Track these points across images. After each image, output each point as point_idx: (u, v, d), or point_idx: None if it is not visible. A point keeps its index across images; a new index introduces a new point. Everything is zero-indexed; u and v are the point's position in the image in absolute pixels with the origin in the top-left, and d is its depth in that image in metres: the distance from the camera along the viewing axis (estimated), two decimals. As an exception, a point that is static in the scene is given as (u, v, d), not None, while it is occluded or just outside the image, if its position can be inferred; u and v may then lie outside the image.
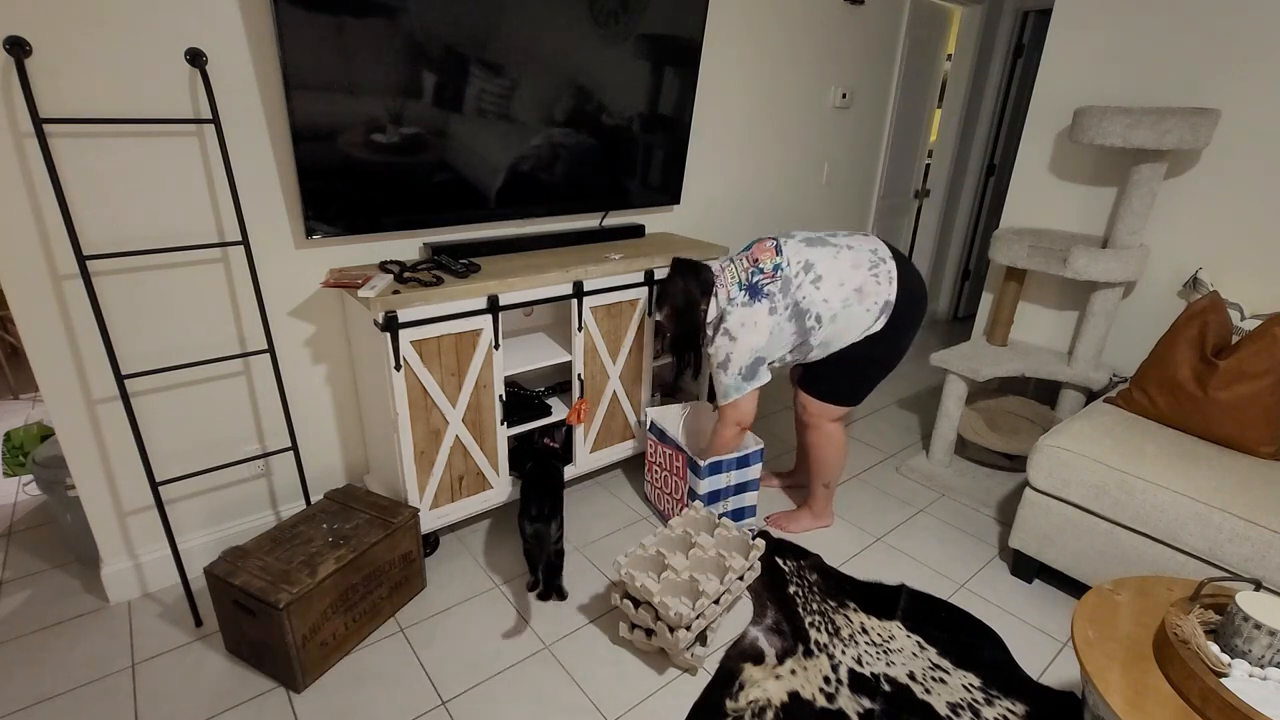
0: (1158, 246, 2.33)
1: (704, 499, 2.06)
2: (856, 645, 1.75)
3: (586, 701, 1.58)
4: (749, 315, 1.84)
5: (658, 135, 2.39)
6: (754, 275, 1.86)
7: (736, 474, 2.11)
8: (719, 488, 2.09)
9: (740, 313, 1.85)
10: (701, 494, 2.05)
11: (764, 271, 1.85)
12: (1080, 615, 1.33)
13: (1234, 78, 2.09)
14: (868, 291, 1.83)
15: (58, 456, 1.87)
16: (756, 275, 1.85)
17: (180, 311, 1.73)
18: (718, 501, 2.12)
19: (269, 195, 1.78)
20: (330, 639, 1.63)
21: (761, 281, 1.84)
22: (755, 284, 1.84)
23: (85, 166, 1.51)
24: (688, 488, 2.09)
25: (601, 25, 2.06)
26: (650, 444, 2.23)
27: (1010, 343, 2.67)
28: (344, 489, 1.90)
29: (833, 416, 2.03)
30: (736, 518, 2.19)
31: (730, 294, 1.87)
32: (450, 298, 1.78)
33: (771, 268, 1.85)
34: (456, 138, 1.92)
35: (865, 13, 3.12)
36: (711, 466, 2.03)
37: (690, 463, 2.05)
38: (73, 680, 1.59)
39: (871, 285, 1.84)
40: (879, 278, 1.84)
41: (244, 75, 1.65)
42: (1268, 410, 1.79)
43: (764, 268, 1.86)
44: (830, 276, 1.83)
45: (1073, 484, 1.84)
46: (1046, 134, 2.53)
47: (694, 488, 2.07)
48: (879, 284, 1.84)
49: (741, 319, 1.84)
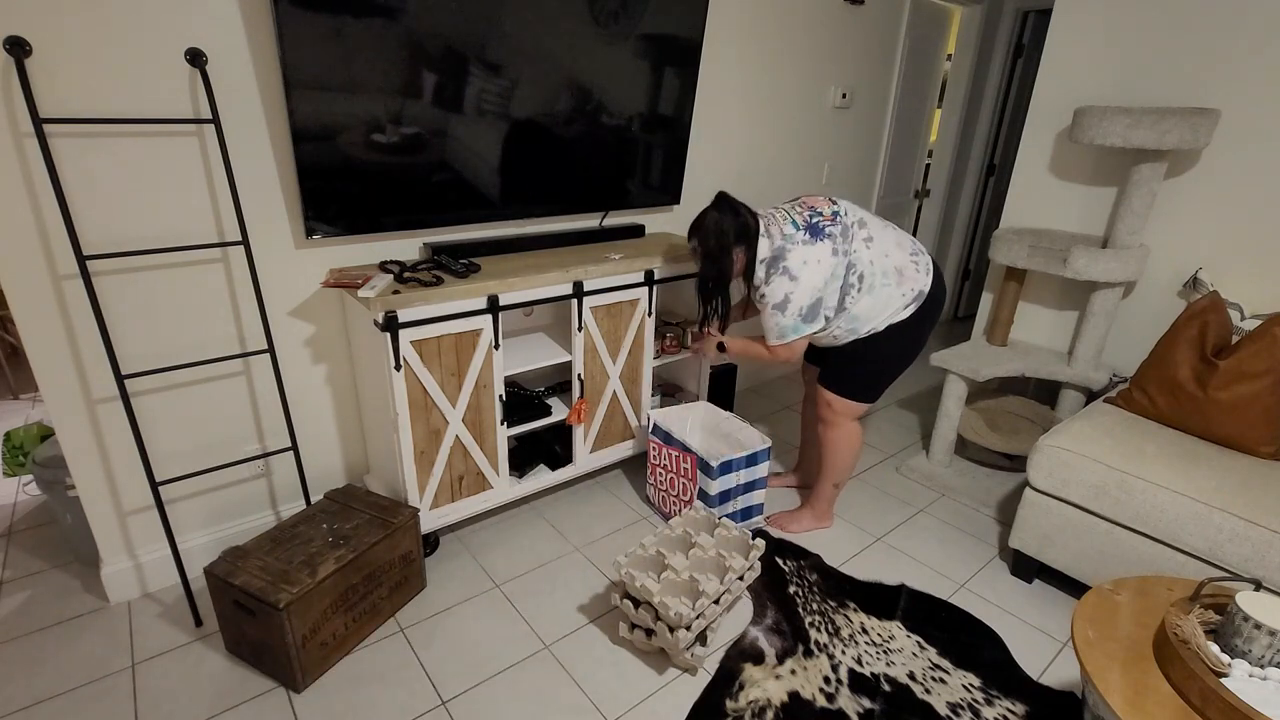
0: (1158, 246, 2.33)
1: (715, 500, 2.05)
2: (856, 645, 1.75)
3: (586, 701, 1.58)
4: (812, 253, 1.78)
5: (658, 135, 2.39)
6: (813, 217, 1.82)
7: (745, 472, 2.10)
8: (729, 487, 2.08)
9: (802, 250, 1.78)
10: (713, 494, 2.04)
11: (823, 215, 1.82)
12: (1080, 615, 1.33)
13: (1234, 78, 2.09)
14: (907, 275, 1.84)
15: (58, 456, 1.87)
16: (816, 217, 1.81)
17: (180, 311, 1.73)
18: (728, 501, 2.11)
19: (269, 195, 1.78)
20: (330, 639, 1.63)
21: (822, 223, 1.80)
22: (816, 224, 1.80)
23: (85, 166, 1.51)
24: (697, 489, 2.09)
25: (601, 25, 2.06)
26: (654, 446, 2.22)
27: (1010, 343, 2.67)
28: (344, 489, 1.90)
29: (855, 414, 2.03)
30: (745, 516, 2.19)
31: (786, 232, 1.80)
32: (450, 298, 1.78)
33: (831, 214, 1.83)
34: (456, 138, 1.92)
35: (865, 13, 3.12)
36: (723, 466, 2.01)
37: (701, 463, 2.04)
38: (73, 680, 1.59)
39: (910, 269, 1.85)
40: (918, 266, 1.86)
41: (244, 75, 1.65)
42: (1268, 410, 1.79)
43: (822, 212, 1.83)
44: (880, 242, 1.83)
45: (1073, 484, 1.84)
46: (1046, 134, 2.53)
47: (705, 488, 2.06)
48: (917, 271, 1.85)
49: (804, 257, 1.78)
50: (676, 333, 2.45)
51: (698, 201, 2.79)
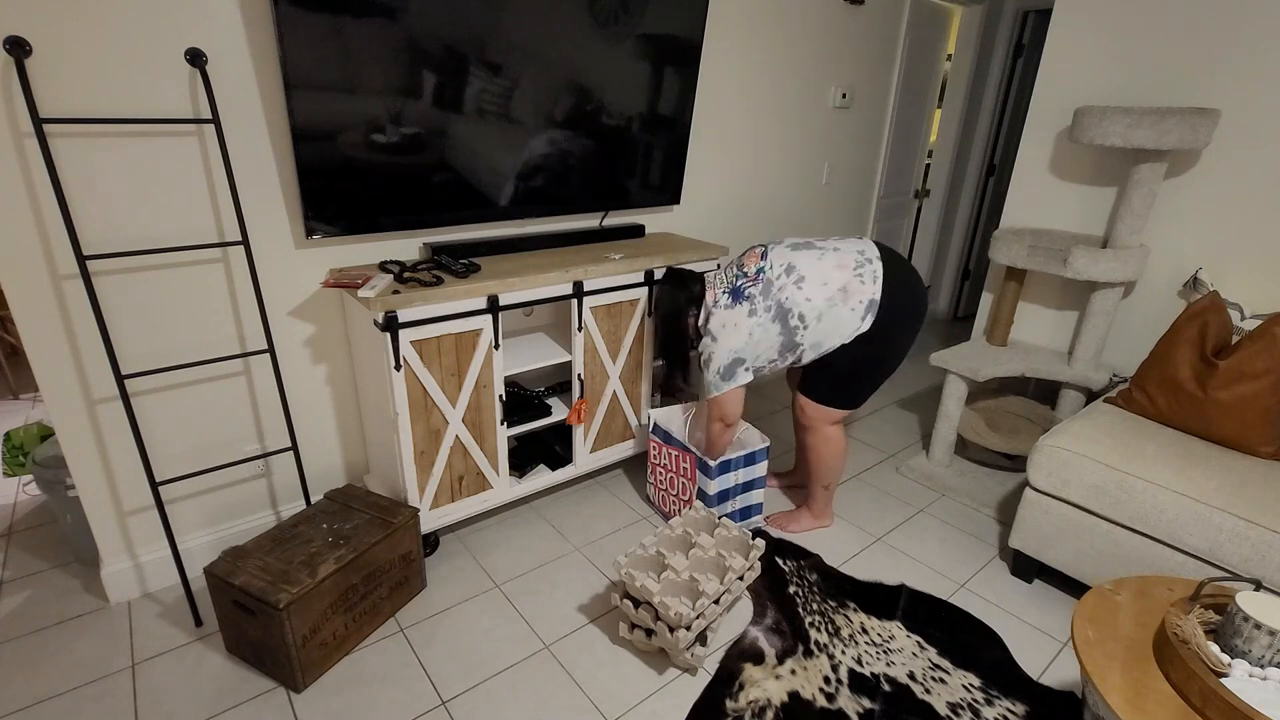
0: (1158, 246, 2.33)
1: (713, 499, 2.06)
2: (856, 645, 1.75)
3: (586, 701, 1.58)
4: (729, 317, 1.91)
5: (658, 135, 2.39)
6: (738, 279, 1.94)
7: (743, 471, 2.11)
8: (727, 487, 2.09)
9: (722, 315, 1.92)
10: (712, 494, 2.05)
11: (747, 275, 1.93)
12: (1080, 615, 1.33)
13: (1234, 78, 2.09)
14: (852, 291, 1.85)
15: (58, 456, 1.87)
16: (740, 279, 1.94)
17: (180, 311, 1.73)
18: (727, 500, 2.12)
19: (269, 195, 1.78)
20: (330, 639, 1.63)
21: (744, 285, 1.92)
22: (738, 287, 1.93)
23: (85, 166, 1.51)
24: (696, 488, 2.09)
25: (602, 25, 2.06)
26: (654, 446, 2.22)
27: (1010, 343, 2.67)
28: (344, 489, 1.90)
29: (831, 420, 2.04)
30: (744, 515, 2.19)
31: (715, 298, 1.96)
32: (450, 298, 1.78)
33: (754, 271, 1.92)
34: (456, 138, 1.92)
35: (865, 13, 3.12)
36: (721, 466, 2.03)
37: (700, 463, 2.05)
38: (73, 680, 1.59)
39: (856, 285, 1.85)
40: (864, 278, 1.86)
41: (244, 75, 1.65)
42: (1268, 410, 1.79)
43: (747, 272, 1.93)
44: (813, 277, 1.87)
45: (1073, 484, 1.84)
46: (1046, 134, 2.53)
47: (704, 488, 2.06)
48: (864, 284, 1.86)
49: (723, 320, 1.91)
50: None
51: (698, 201, 2.80)
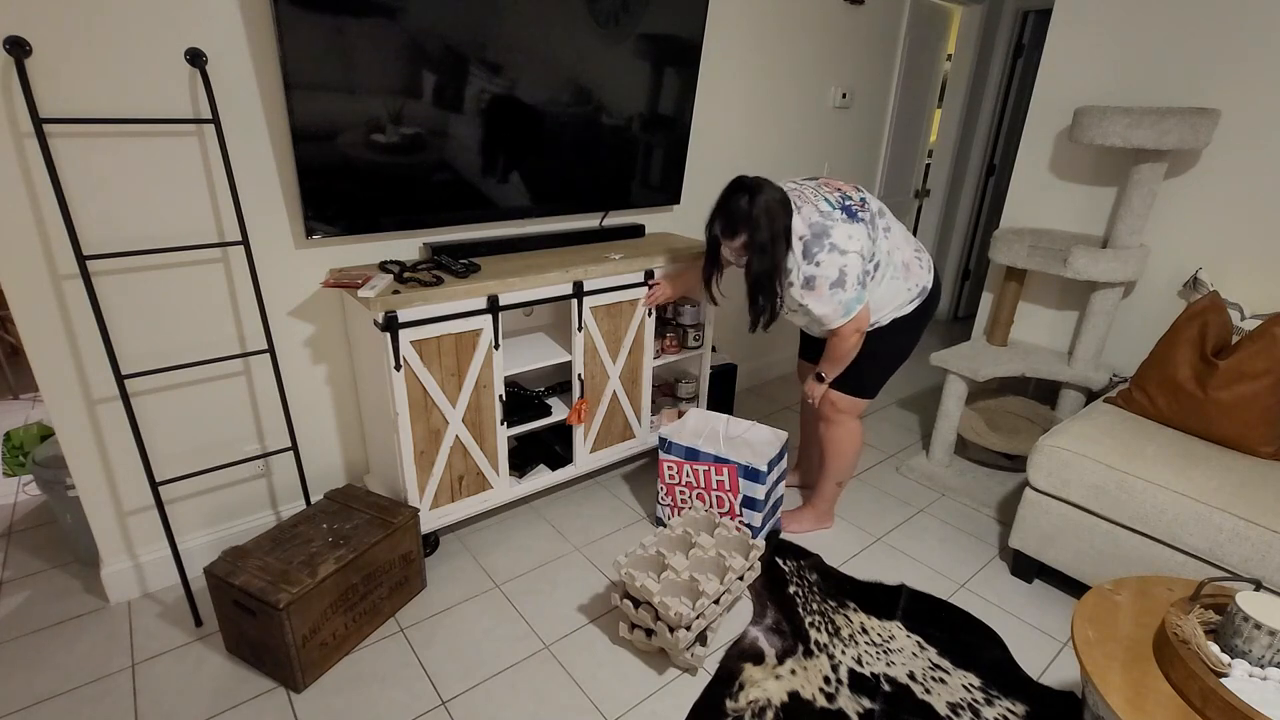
0: (1158, 246, 2.33)
1: (762, 504, 1.96)
2: (856, 645, 1.75)
3: (586, 701, 1.58)
4: (852, 230, 1.74)
5: (658, 135, 2.38)
6: (845, 200, 1.78)
7: (778, 469, 2.07)
8: (770, 486, 2.01)
9: (844, 228, 1.73)
10: (761, 498, 1.95)
11: (853, 200, 1.80)
12: (1080, 615, 1.33)
13: (1234, 78, 2.09)
14: (912, 270, 1.87)
15: (58, 456, 1.87)
16: (847, 200, 1.78)
17: (180, 311, 1.73)
18: (769, 501, 2.04)
19: (269, 195, 1.78)
20: (330, 639, 1.63)
21: (854, 207, 1.78)
22: (849, 208, 1.77)
23: (85, 166, 1.51)
24: (741, 497, 2.00)
25: (602, 25, 2.06)
26: (671, 465, 2.08)
27: (1010, 343, 2.67)
28: (344, 489, 1.90)
29: (858, 411, 2.04)
30: (773, 513, 2.13)
31: (823, 209, 1.74)
32: (450, 298, 1.78)
33: (859, 199, 1.81)
34: (456, 137, 1.92)
35: (865, 13, 3.12)
36: (771, 464, 1.95)
37: (746, 470, 1.95)
38: (72, 680, 1.59)
39: (915, 265, 1.88)
40: (921, 262, 1.90)
41: (244, 75, 1.65)
42: (1268, 410, 1.79)
43: (851, 197, 1.80)
44: (894, 235, 1.85)
45: (1073, 484, 1.84)
46: (1046, 134, 2.53)
47: (751, 494, 1.96)
48: (920, 268, 1.89)
49: (849, 233, 1.73)
50: (676, 333, 2.45)
51: (697, 201, 2.80)
